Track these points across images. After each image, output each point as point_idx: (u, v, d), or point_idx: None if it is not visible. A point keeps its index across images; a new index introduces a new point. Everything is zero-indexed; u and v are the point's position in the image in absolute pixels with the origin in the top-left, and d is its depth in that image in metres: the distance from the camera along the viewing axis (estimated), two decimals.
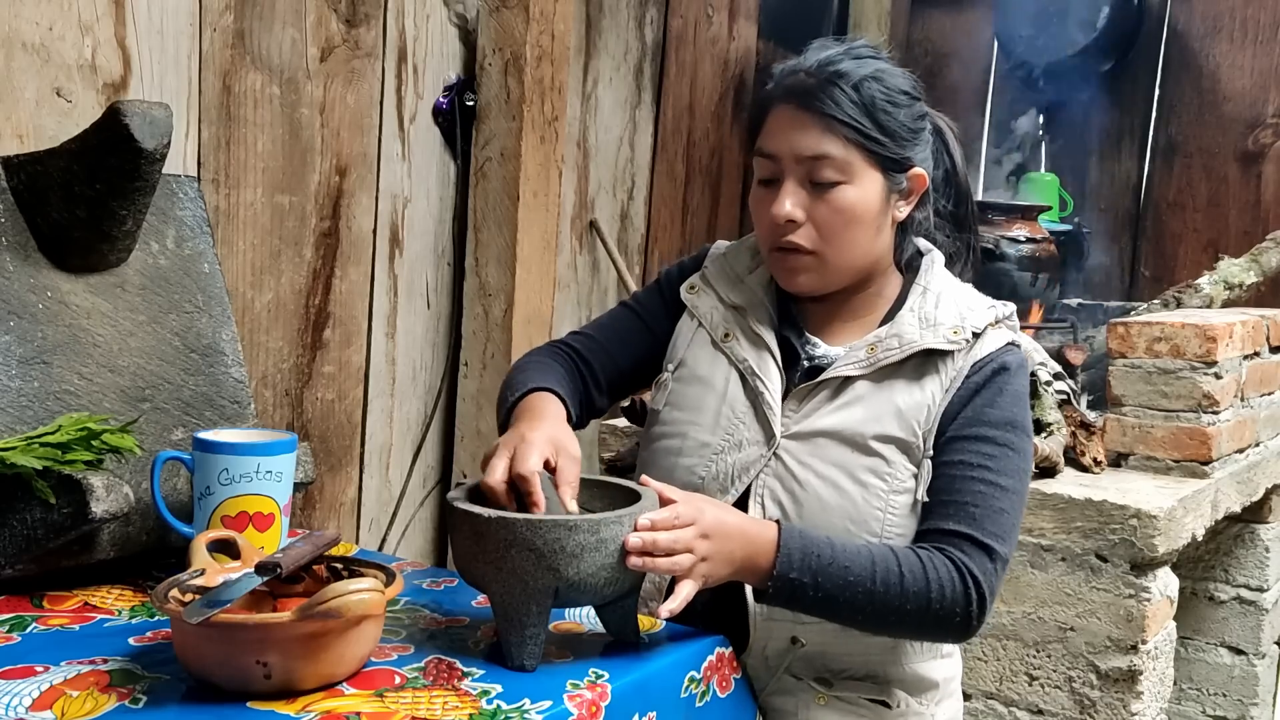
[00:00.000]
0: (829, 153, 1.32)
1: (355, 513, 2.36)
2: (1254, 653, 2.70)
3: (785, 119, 1.34)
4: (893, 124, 1.33)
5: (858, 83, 1.32)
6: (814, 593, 1.21)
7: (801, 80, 1.34)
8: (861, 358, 1.36)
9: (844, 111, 1.31)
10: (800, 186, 1.34)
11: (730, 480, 1.36)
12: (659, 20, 3.11)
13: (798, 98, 1.33)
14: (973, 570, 1.25)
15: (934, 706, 1.39)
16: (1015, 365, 1.36)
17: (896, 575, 1.23)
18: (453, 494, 1.20)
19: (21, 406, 1.30)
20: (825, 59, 1.35)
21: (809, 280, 1.38)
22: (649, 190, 3.15)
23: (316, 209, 2.18)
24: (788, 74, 1.37)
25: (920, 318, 1.37)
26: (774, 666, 1.35)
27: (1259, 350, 2.51)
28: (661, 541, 1.14)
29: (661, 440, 1.43)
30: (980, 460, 1.30)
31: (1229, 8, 3.52)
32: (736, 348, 1.41)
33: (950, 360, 1.35)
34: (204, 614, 0.98)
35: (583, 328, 1.57)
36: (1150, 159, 3.65)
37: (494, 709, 1.03)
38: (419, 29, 2.37)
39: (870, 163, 1.33)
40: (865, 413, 1.34)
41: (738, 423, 1.38)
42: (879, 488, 1.32)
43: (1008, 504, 1.30)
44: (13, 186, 1.39)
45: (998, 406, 1.33)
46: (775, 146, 1.35)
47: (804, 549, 1.22)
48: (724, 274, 1.48)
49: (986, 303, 1.41)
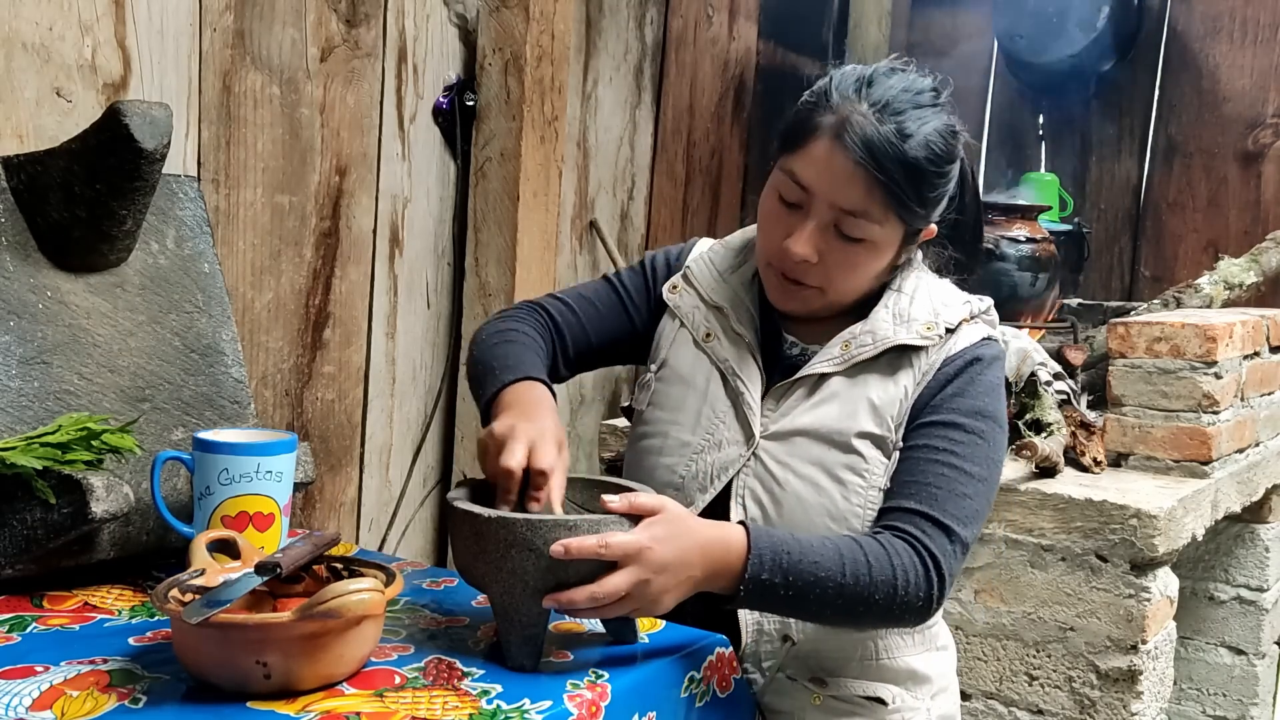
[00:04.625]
0: (865, 211, 1.28)
1: (355, 513, 2.36)
2: (1254, 653, 2.70)
3: (833, 160, 1.27)
4: (934, 194, 1.31)
5: (914, 146, 1.26)
6: (785, 591, 1.19)
7: (860, 122, 1.26)
8: (836, 354, 1.36)
9: (893, 180, 1.26)
10: (825, 229, 1.30)
11: (709, 480, 1.36)
12: (659, 20, 3.11)
13: (853, 144, 1.26)
14: (932, 551, 1.24)
15: (929, 700, 1.39)
16: (989, 358, 1.36)
17: (864, 566, 1.21)
18: (453, 494, 1.20)
19: (21, 406, 1.30)
20: (892, 100, 1.27)
21: (803, 305, 1.38)
22: (649, 190, 3.15)
23: (316, 209, 2.18)
24: (846, 99, 1.28)
25: (895, 314, 1.37)
26: (768, 667, 1.35)
27: (1259, 350, 2.51)
28: (579, 600, 1.10)
29: (644, 440, 1.43)
30: (946, 445, 1.30)
31: (1229, 8, 3.52)
32: (718, 347, 1.41)
33: (924, 355, 1.35)
34: (204, 614, 0.98)
35: (561, 293, 1.53)
36: (1150, 159, 3.65)
37: (494, 709, 1.03)
38: (419, 29, 2.37)
39: (898, 226, 1.32)
40: (841, 410, 1.34)
41: (718, 422, 1.37)
42: (857, 484, 1.32)
43: (972, 490, 1.29)
44: (13, 186, 1.39)
45: (968, 395, 1.33)
46: (812, 181, 1.29)
47: (773, 549, 1.20)
48: (707, 273, 1.47)
49: (962, 298, 1.40)
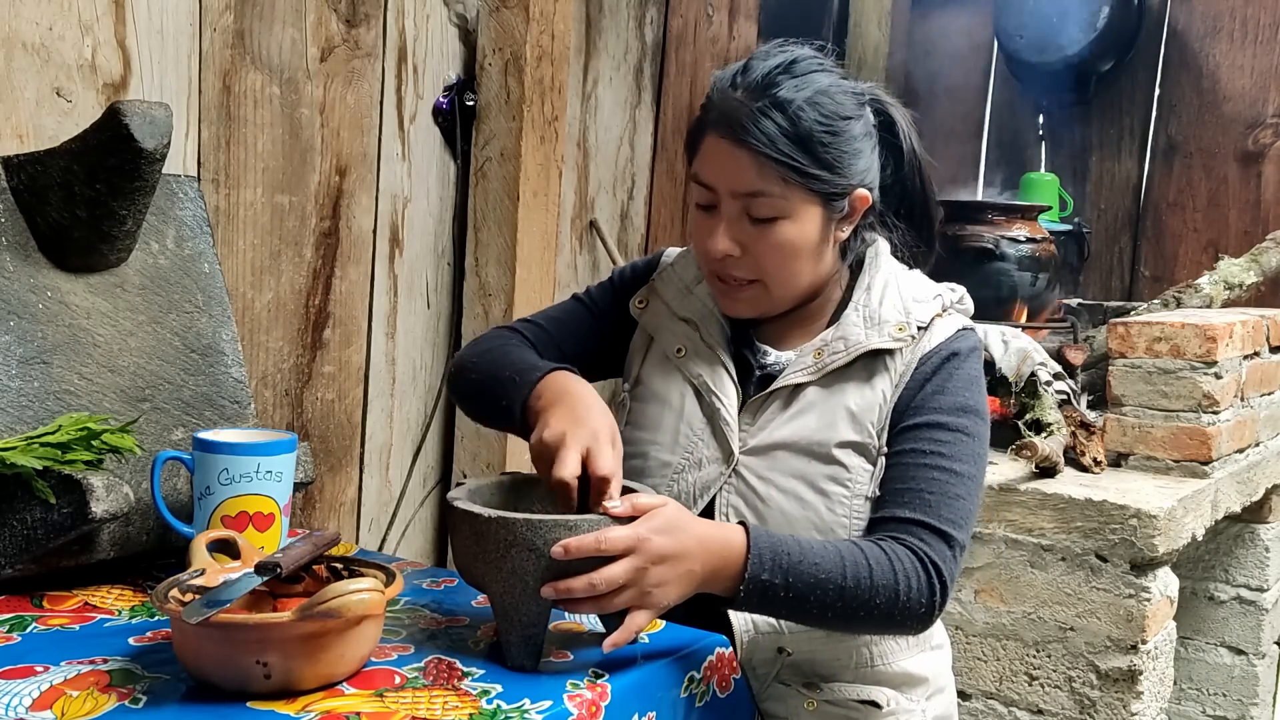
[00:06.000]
0: (764, 190, 1.27)
1: (355, 513, 2.36)
2: (1254, 653, 2.70)
3: (720, 151, 1.28)
4: (831, 155, 1.28)
5: (794, 113, 1.25)
6: (785, 593, 1.18)
7: (736, 107, 1.27)
8: (809, 363, 1.34)
9: (778, 149, 1.25)
10: (737, 219, 1.30)
11: (692, 500, 1.34)
12: (659, 20, 3.11)
13: (731, 130, 1.26)
14: (934, 558, 1.23)
15: (925, 702, 1.38)
16: (966, 350, 1.34)
17: (865, 569, 1.20)
18: (453, 494, 1.20)
19: (21, 406, 1.30)
20: (763, 78, 1.27)
21: (750, 307, 1.36)
22: (649, 190, 3.15)
23: (316, 209, 2.18)
24: (723, 93, 1.30)
25: (865, 317, 1.34)
26: (762, 676, 1.34)
27: (1259, 350, 2.51)
28: (577, 588, 1.09)
29: (625, 461, 1.39)
30: (933, 447, 1.28)
31: (1229, 8, 3.53)
32: (690, 363, 1.39)
33: (898, 356, 1.33)
34: (204, 614, 0.98)
35: (532, 316, 1.52)
36: (1150, 159, 3.65)
37: (494, 709, 1.03)
38: (419, 29, 2.37)
39: (808, 197, 1.29)
40: (818, 420, 1.32)
41: (696, 440, 1.36)
42: (841, 494, 1.30)
43: (963, 490, 1.28)
44: (13, 186, 1.39)
45: (948, 392, 1.31)
46: (710, 178, 1.30)
47: (774, 549, 1.19)
48: (672, 286, 1.44)
49: (932, 291, 1.38)
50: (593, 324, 1.50)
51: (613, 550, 1.10)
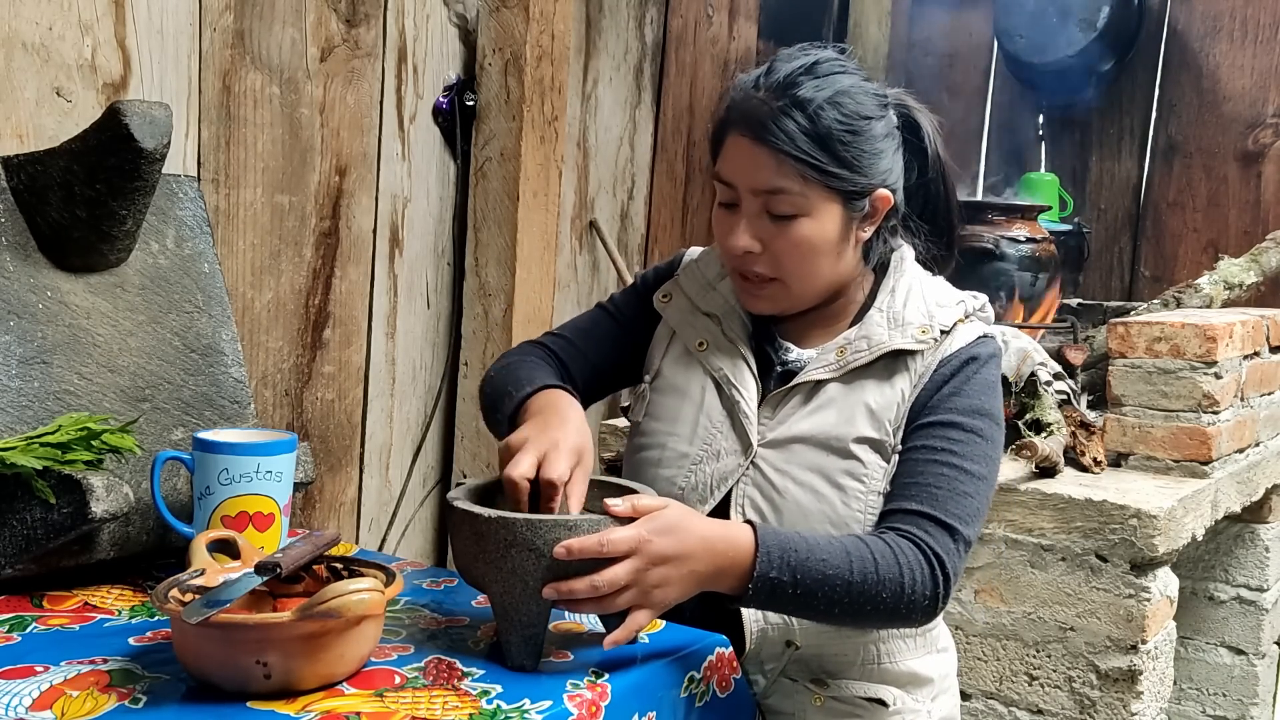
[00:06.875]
0: (784, 188, 1.29)
1: (355, 513, 2.36)
2: (1254, 653, 2.70)
3: (741, 149, 1.31)
4: (851, 154, 1.29)
5: (814, 112, 1.27)
6: (794, 590, 1.19)
7: (757, 106, 1.29)
8: (831, 360, 1.36)
9: (797, 147, 1.27)
10: (758, 216, 1.32)
11: (709, 490, 1.35)
12: (659, 20, 3.11)
13: (752, 128, 1.29)
14: (937, 551, 1.24)
15: (930, 703, 1.39)
16: (985, 355, 1.35)
17: (871, 564, 1.21)
18: (453, 494, 1.20)
19: (21, 406, 1.30)
20: (785, 79, 1.30)
21: (771, 304, 1.38)
22: (649, 190, 3.15)
23: (316, 209, 2.18)
24: (745, 94, 1.32)
25: (889, 318, 1.36)
26: (770, 671, 1.35)
27: (1259, 350, 2.51)
28: (579, 589, 1.10)
29: (642, 451, 1.42)
30: (945, 445, 1.30)
31: (1229, 8, 3.52)
32: (711, 357, 1.40)
33: (920, 357, 1.34)
34: (204, 614, 0.98)
35: (558, 329, 1.55)
36: (1150, 159, 3.65)
37: (494, 709, 1.03)
38: (419, 29, 2.37)
39: (828, 195, 1.30)
40: (838, 416, 1.33)
41: (715, 432, 1.37)
42: (857, 490, 1.31)
43: (973, 489, 1.29)
44: (13, 186, 1.39)
45: (965, 394, 1.32)
46: (731, 176, 1.33)
47: (781, 547, 1.20)
48: (695, 281, 1.46)
49: (956, 297, 1.39)
50: (618, 331, 1.51)
51: (615, 552, 1.10)
